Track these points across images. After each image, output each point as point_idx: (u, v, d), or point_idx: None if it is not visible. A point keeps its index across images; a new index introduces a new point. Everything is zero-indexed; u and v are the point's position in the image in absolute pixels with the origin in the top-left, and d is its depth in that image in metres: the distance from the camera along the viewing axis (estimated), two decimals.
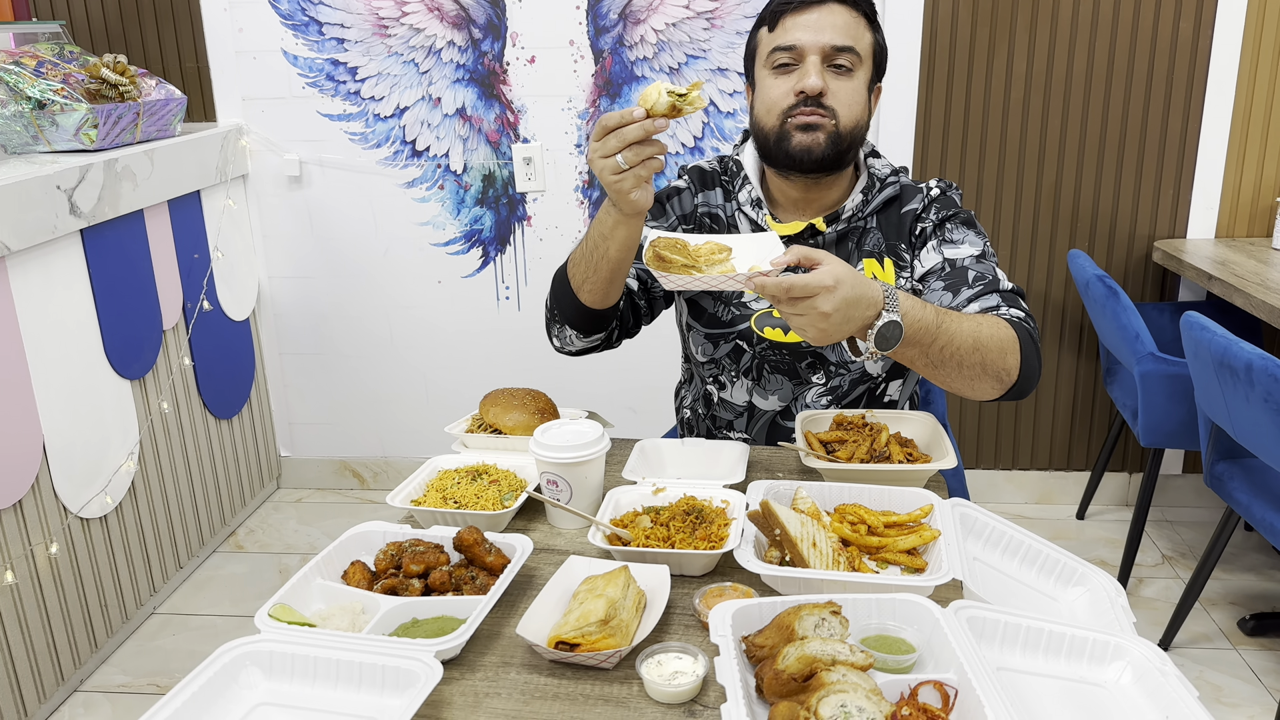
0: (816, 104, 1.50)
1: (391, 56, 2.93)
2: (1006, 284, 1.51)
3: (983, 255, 1.55)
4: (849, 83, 1.52)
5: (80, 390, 2.31)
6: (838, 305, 1.20)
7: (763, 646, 0.99)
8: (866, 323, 1.25)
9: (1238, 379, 1.91)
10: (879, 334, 1.25)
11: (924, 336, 1.31)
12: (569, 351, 1.65)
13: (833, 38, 1.49)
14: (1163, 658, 0.98)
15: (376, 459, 3.31)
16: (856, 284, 1.22)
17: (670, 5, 2.82)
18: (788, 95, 1.51)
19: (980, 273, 1.51)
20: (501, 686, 1.03)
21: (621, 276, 1.48)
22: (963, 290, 1.49)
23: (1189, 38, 2.71)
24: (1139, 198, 2.85)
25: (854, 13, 1.52)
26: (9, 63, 2.39)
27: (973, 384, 1.38)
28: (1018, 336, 1.39)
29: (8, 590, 2.08)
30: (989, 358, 1.36)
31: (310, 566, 1.16)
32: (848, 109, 1.51)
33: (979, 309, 1.46)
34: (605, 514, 1.29)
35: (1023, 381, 1.41)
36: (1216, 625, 2.50)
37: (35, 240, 2.12)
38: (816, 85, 1.49)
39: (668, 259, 1.24)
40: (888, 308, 1.26)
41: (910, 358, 1.34)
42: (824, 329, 1.22)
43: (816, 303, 1.19)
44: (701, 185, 1.70)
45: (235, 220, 3.01)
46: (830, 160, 1.53)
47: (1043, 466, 3.12)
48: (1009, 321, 1.42)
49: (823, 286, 1.19)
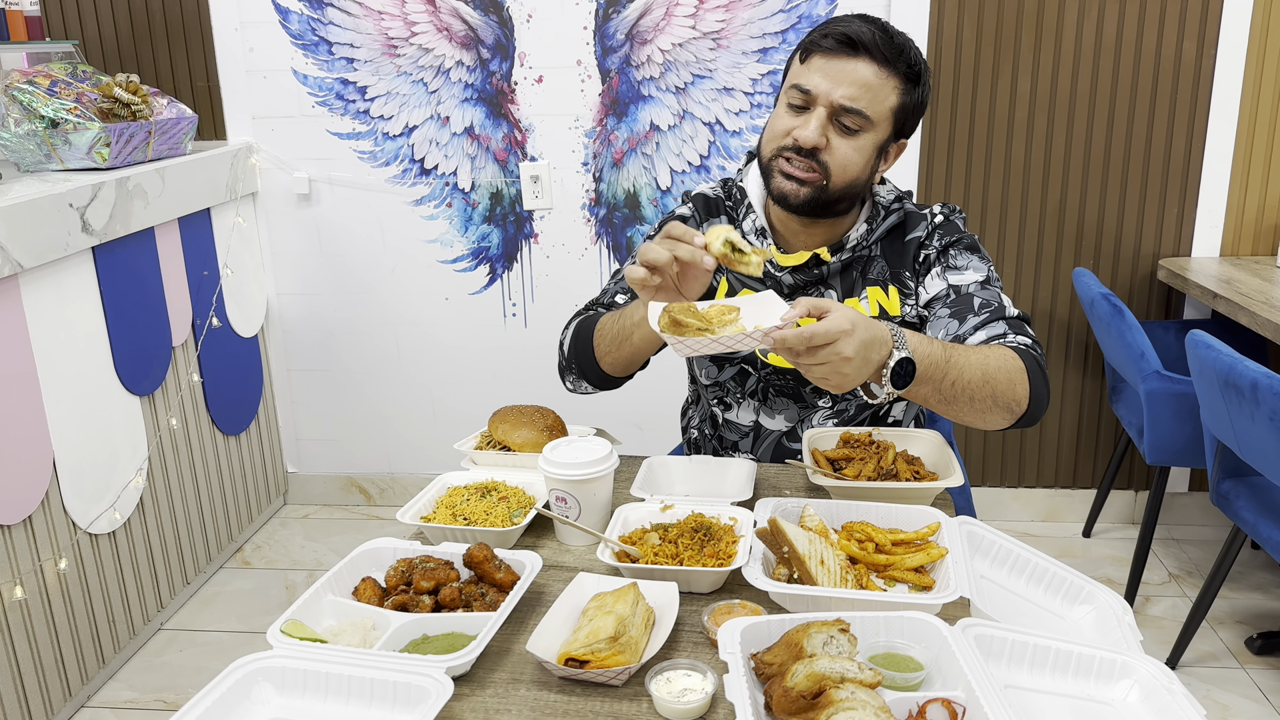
0: (811, 156, 1.48)
1: (400, 76, 2.96)
2: (1012, 310, 1.51)
3: (987, 281, 1.54)
4: (851, 142, 1.48)
5: (90, 406, 2.32)
6: (857, 348, 1.20)
7: (771, 664, 0.99)
8: (881, 363, 1.26)
9: (1243, 397, 1.91)
10: (893, 373, 1.26)
11: (935, 372, 1.31)
12: (581, 393, 1.67)
13: (845, 95, 1.45)
14: (1170, 676, 0.98)
15: (383, 475, 3.32)
16: (869, 326, 1.23)
17: (677, 26, 2.85)
18: (787, 135, 1.50)
19: (985, 299, 1.51)
20: (511, 703, 1.03)
21: (642, 357, 1.53)
22: (969, 318, 1.49)
23: (1193, 57, 2.73)
24: (1144, 216, 2.86)
25: (884, 71, 1.46)
26: (23, 82, 2.42)
27: (984, 416, 1.38)
28: (1025, 366, 1.39)
29: (17, 605, 2.09)
30: (999, 389, 1.36)
31: (322, 582, 1.17)
32: (842, 169, 1.49)
33: (986, 336, 1.46)
34: (614, 531, 1.30)
35: (1032, 409, 1.41)
36: (1223, 644, 2.49)
37: (48, 258, 2.14)
38: (810, 140, 1.46)
39: (684, 323, 1.24)
40: (897, 346, 1.27)
41: (923, 395, 1.35)
42: (846, 374, 1.22)
43: (838, 348, 1.19)
44: (706, 213, 1.69)
45: (245, 238, 3.03)
46: (811, 209, 1.53)
47: (1048, 484, 3.12)
48: (1016, 350, 1.41)
49: (841, 331, 1.19)
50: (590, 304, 1.68)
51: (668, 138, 2.94)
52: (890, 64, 1.46)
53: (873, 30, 1.46)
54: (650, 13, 2.84)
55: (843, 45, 1.46)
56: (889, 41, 1.46)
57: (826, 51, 1.47)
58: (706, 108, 2.90)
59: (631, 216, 3.01)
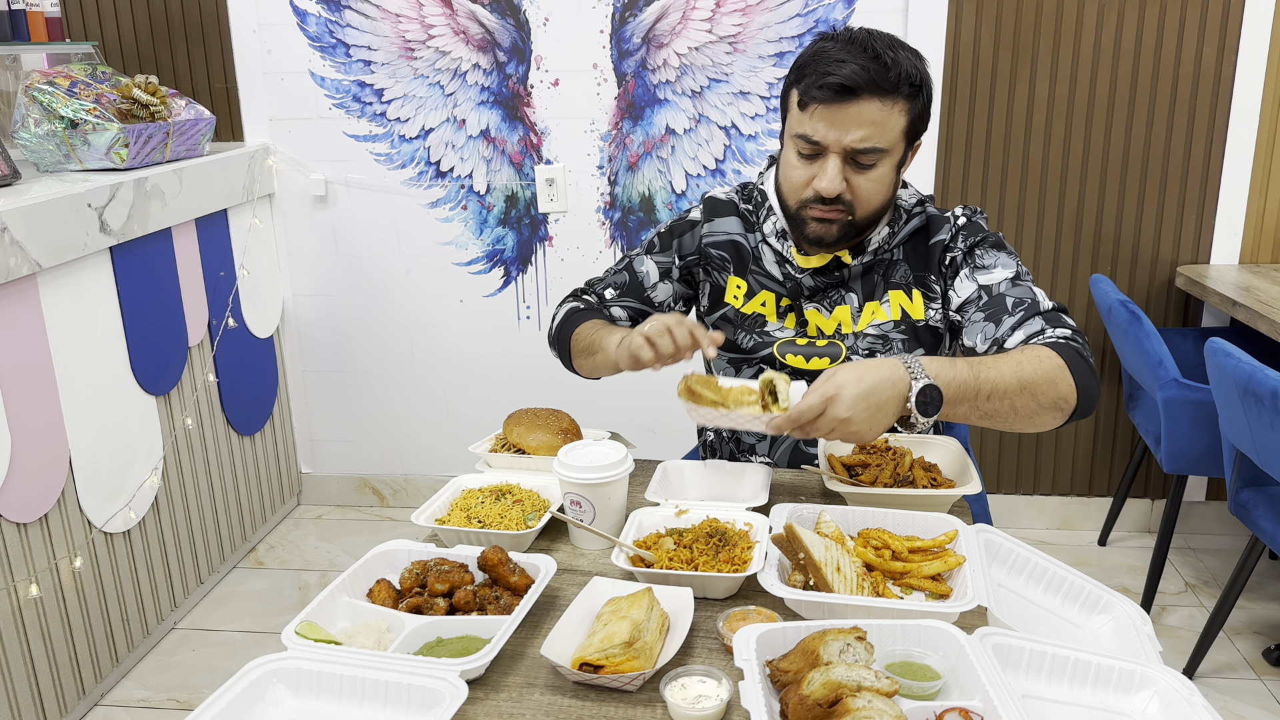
0: (835, 201, 1.49)
1: (417, 79, 2.96)
2: (1047, 303, 1.48)
3: (1018, 277, 1.52)
4: (871, 175, 1.48)
5: (106, 406, 2.33)
6: (853, 405, 1.22)
7: (787, 671, 0.99)
8: (901, 399, 1.26)
9: (1262, 406, 1.90)
10: (918, 402, 1.26)
11: (966, 392, 1.30)
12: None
13: (856, 140, 1.44)
14: (1190, 687, 0.97)
15: (396, 477, 3.32)
16: (863, 376, 1.24)
17: (693, 30, 2.84)
18: (807, 186, 1.50)
19: (1019, 298, 1.48)
20: (526, 707, 1.03)
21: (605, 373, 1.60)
22: (1004, 320, 1.47)
23: (1213, 63, 2.71)
24: (1162, 223, 2.84)
25: (887, 102, 1.44)
26: (43, 83, 2.43)
27: (1033, 420, 1.36)
28: (1065, 361, 1.36)
29: (33, 603, 2.10)
30: (1039, 391, 1.33)
31: (336, 584, 1.17)
32: (865, 201, 1.50)
33: (1024, 336, 1.44)
34: (628, 535, 1.29)
35: (1084, 402, 1.37)
36: (1241, 655, 2.47)
37: (66, 257, 2.16)
38: (833, 190, 1.47)
39: (699, 394, 1.33)
40: (915, 376, 1.26)
41: (962, 415, 1.33)
42: (857, 430, 1.24)
43: (833, 413, 1.23)
44: (712, 213, 1.71)
45: (261, 239, 3.04)
46: (844, 241, 1.55)
47: (1064, 492, 3.10)
48: (1053, 346, 1.39)
49: (826, 399, 1.23)
50: (588, 284, 1.77)
51: (683, 141, 2.93)
52: (892, 93, 1.44)
53: (865, 66, 1.41)
54: (667, 16, 2.84)
55: (840, 94, 1.42)
56: (884, 73, 1.42)
57: (825, 101, 1.44)
58: (722, 111, 2.90)
59: (646, 220, 3.01)
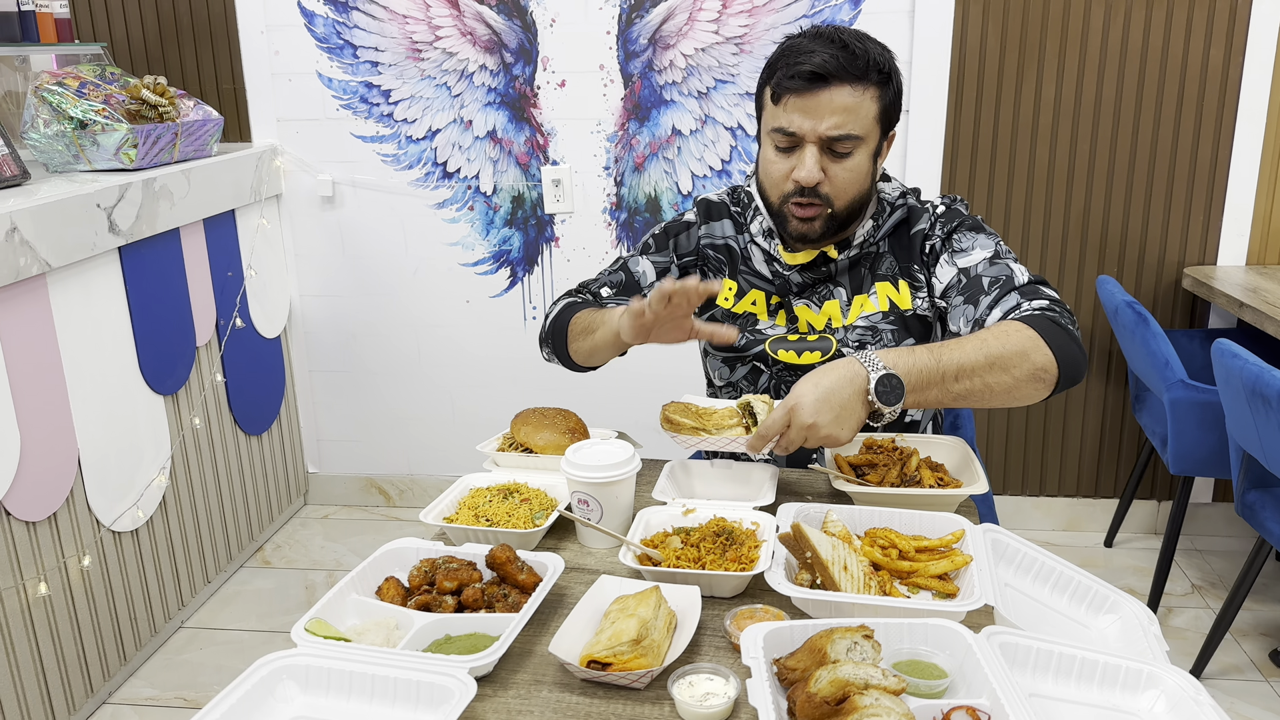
0: (813, 194, 1.51)
1: (424, 80, 2.97)
2: (1023, 277, 1.48)
3: (996, 256, 1.53)
4: (847, 163, 1.51)
5: (115, 405, 2.34)
6: (815, 410, 1.28)
7: (794, 669, 0.99)
8: (862, 394, 1.30)
9: (1269, 407, 1.89)
10: (879, 395, 1.29)
11: (930, 377, 1.33)
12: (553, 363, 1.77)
13: (830, 126, 1.47)
14: (1197, 687, 0.98)
15: (403, 476, 3.33)
16: (820, 381, 1.29)
17: (700, 31, 2.85)
18: (787, 179, 1.53)
19: (995, 276, 1.49)
20: (534, 704, 1.03)
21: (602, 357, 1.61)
22: (981, 299, 1.48)
23: (1219, 64, 2.71)
24: (1169, 224, 2.84)
25: (858, 88, 1.48)
26: (52, 83, 2.44)
27: (1014, 394, 1.36)
28: (1037, 331, 1.36)
29: (41, 602, 2.11)
30: (1011, 365, 1.34)
31: (345, 581, 1.18)
32: (843, 191, 1.53)
33: (1001, 313, 1.45)
34: (636, 534, 1.30)
35: (1068, 369, 1.37)
36: (1247, 656, 2.47)
37: (75, 257, 2.16)
38: (812, 179, 1.50)
39: (676, 421, 1.42)
40: (871, 369, 1.30)
41: (935, 399, 1.35)
42: (828, 434, 1.30)
43: (798, 421, 1.29)
44: (707, 217, 1.73)
45: (268, 239, 3.05)
46: (828, 236, 1.57)
47: (1070, 493, 3.09)
48: (1026, 319, 1.39)
49: (788, 409, 1.30)
50: (581, 285, 1.77)
51: (689, 142, 2.94)
52: (862, 79, 1.48)
53: (834, 54, 1.46)
54: (673, 18, 2.84)
55: (812, 81, 1.47)
56: (852, 60, 1.46)
57: (798, 91, 1.48)
58: (729, 112, 2.90)
59: (653, 221, 3.01)
